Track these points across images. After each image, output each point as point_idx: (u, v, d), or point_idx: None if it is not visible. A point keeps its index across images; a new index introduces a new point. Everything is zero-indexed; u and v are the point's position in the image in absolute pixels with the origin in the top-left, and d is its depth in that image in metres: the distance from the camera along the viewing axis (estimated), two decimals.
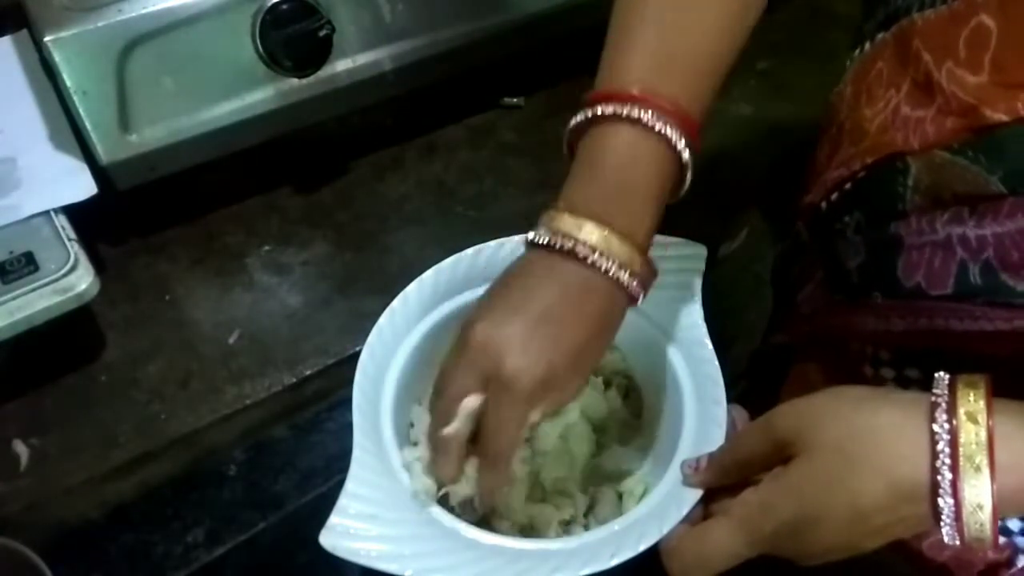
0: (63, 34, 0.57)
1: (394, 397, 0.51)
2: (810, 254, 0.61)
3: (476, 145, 0.77)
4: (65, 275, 0.55)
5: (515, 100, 0.80)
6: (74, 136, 0.62)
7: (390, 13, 0.67)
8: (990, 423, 0.37)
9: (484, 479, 0.46)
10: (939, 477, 0.37)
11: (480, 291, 0.51)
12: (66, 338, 0.58)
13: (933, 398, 0.38)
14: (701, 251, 0.56)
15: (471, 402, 0.44)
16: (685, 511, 0.45)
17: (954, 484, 0.37)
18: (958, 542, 0.37)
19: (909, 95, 0.48)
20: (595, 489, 0.54)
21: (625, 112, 0.44)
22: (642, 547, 0.44)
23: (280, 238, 0.70)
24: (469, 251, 0.55)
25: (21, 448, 0.57)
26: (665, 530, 0.44)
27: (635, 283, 0.45)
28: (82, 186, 0.59)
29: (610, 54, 0.47)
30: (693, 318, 0.53)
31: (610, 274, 0.44)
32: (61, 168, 0.61)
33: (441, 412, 0.45)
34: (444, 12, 0.69)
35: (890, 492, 0.38)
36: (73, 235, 0.57)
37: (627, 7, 0.47)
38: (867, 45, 0.54)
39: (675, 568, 0.44)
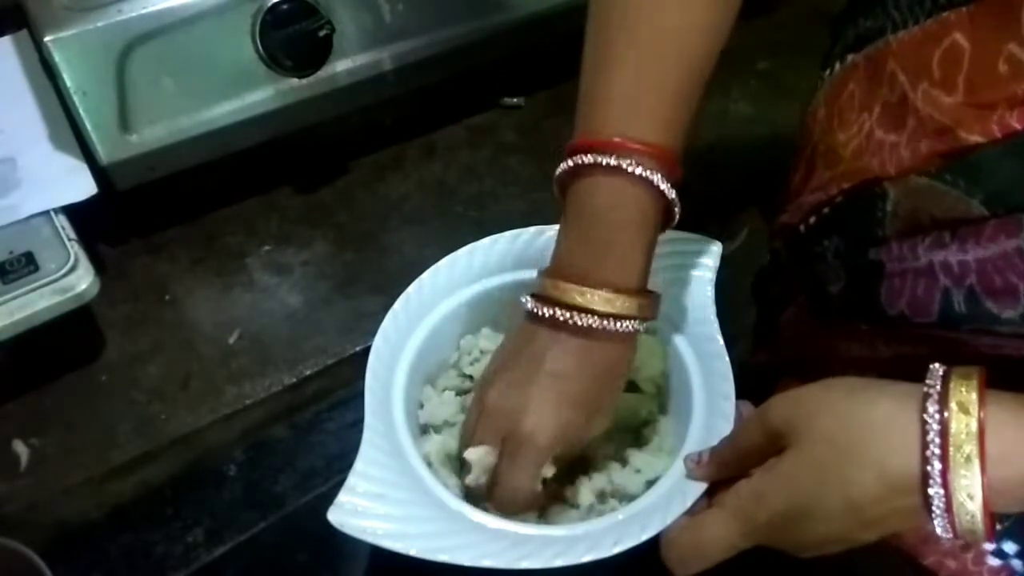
0: (63, 34, 0.57)
1: (405, 381, 0.52)
2: (790, 273, 0.61)
3: (476, 145, 0.77)
4: (65, 275, 0.55)
5: (515, 100, 0.80)
6: (74, 136, 0.62)
7: (390, 13, 0.67)
8: (982, 414, 0.37)
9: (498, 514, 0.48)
10: (929, 467, 0.37)
11: (494, 280, 0.56)
12: (66, 338, 0.59)
13: (926, 388, 0.38)
14: (715, 247, 0.56)
15: (478, 454, 0.48)
16: (689, 503, 0.46)
17: (944, 474, 0.36)
18: (951, 534, 0.37)
19: (881, 118, 0.48)
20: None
21: (603, 161, 0.45)
22: (644, 536, 0.44)
23: (280, 238, 0.70)
24: (485, 240, 0.57)
25: (21, 448, 0.57)
26: (668, 520, 0.45)
27: (634, 325, 0.47)
28: (82, 186, 0.59)
29: (584, 101, 0.48)
30: (705, 313, 0.54)
31: (607, 329, 0.46)
32: (61, 168, 0.61)
33: (465, 463, 0.49)
34: (444, 12, 0.69)
35: (881, 483, 0.38)
36: (73, 235, 0.57)
37: (594, 51, 0.47)
38: (837, 66, 0.54)
39: (672, 558, 0.45)
